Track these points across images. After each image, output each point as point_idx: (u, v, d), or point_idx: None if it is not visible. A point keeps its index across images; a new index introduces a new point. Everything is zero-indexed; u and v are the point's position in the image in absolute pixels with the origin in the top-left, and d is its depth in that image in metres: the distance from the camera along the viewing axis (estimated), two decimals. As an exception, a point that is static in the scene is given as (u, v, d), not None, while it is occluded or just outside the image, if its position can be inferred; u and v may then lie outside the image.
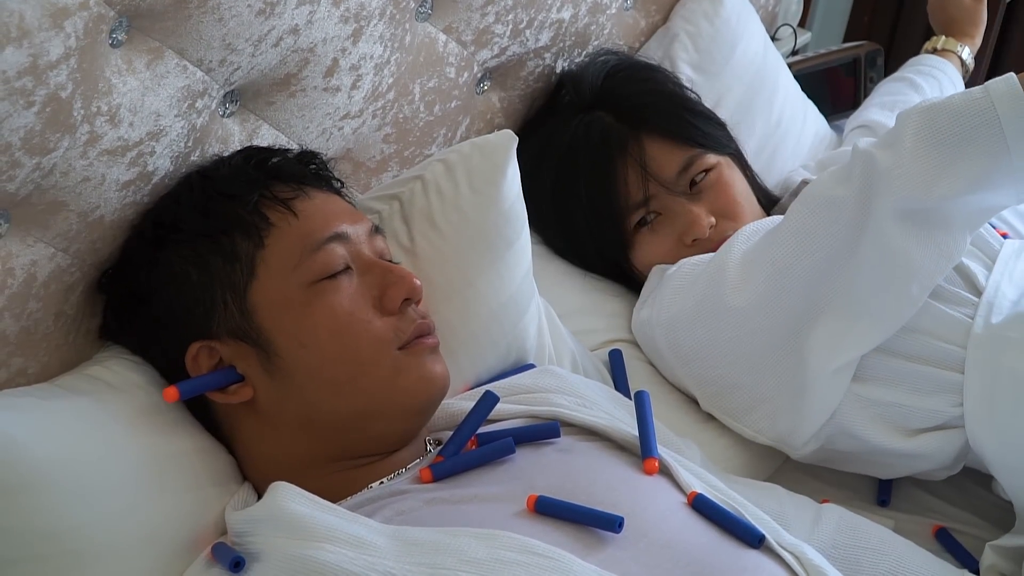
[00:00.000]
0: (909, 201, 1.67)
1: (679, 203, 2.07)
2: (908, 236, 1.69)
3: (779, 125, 2.54)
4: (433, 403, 1.58)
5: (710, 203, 2.08)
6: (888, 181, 1.67)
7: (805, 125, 2.64)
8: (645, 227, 2.09)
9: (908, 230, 1.69)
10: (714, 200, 2.09)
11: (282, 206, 1.54)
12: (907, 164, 1.67)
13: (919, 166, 1.66)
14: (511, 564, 1.25)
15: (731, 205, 2.09)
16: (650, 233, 2.09)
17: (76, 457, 1.38)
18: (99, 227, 1.54)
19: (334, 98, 1.81)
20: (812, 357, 1.78)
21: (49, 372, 1.56)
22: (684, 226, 2.06)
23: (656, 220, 2.09)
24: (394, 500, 1.44)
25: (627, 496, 1.42)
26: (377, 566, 1.24)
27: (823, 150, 2.65)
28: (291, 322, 1.50)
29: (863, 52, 2.94)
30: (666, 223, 2.08)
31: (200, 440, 1.55)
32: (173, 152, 1.59)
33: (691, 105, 2.19)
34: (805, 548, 1.43)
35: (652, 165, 2.05)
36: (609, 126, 2.08)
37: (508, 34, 2.11)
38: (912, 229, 1.69)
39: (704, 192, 2.09)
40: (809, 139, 2.64)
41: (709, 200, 2.08)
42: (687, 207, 2.06)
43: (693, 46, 2.45)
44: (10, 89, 1.32)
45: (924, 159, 1.66)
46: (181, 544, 1.45)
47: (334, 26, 1.74)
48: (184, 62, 1.57)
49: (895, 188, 1.67)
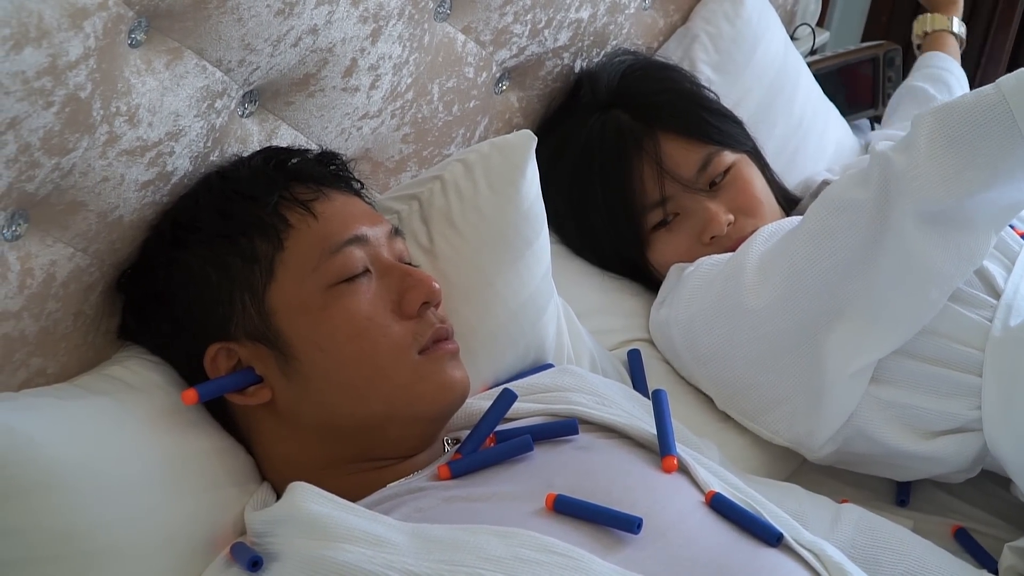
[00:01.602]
0: (928, 203, 1.67)
1: (697, 200, 2.06)
2: (928, 239, 1.69)
3: (800, 125, 2.53)
4: (452, 409, 1.58)
5: (729, 200, 2.07)
6: (906, 183, 1.67)
7: (827, 126, 2.63)
8: (663, 227, 2.09)
9: (928, 233, 1.68)
10: (733, 197, 2.08)
11: (301, 207, 1.54)
12: (923, 165, 1.67)
13: (935, 167, 1.66)
14: (531, 563, 1.25)
15: (750, 201, 2.09)
16: (667, 233, 2.09)
17: (95, 457, 1.38)
18: (118, 227, 1.54)
19: (353, 98, 1.81)
20: (830, 360, 1.77)
21: (68, 372, 1.56)
22: (702, 224, 2.06)
23: (674, 220, 2.08)
24: (412, 498, 1.43)
25: (645, 495, 1.42)
26: (396, 564, 1.24)
27: (847, 151, 2.65)
28: (309, 325, 1.50)
29: (881, 51, 2.93)
30: (684, 222, 2.08)
31: (219, 440, 1.55)
32: (192, 152, 1.59)
33: (708, 103, 2.19)
34: (825, 546, 1.43)
35: (669, 163, 2.05)
36: (625, 124, 2.08)
37: (527, 34, 2.11)
38: (932, 232, 1.68)
39: (723, 189, 2.08)
40: (832, 141, 2.63)
41: (728, 197, 2.08)
42: (705, 204, 2.06)
43: (713, 47, 2.45)
44: (29, 89, 1.32)
45: (940, 159, 1.66)
46: (200, 544, 1.45)
47: (353, 26, 1.74)
48: (203, 62, 1.57)
49: (913, 190, 1.66)
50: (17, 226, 1.43)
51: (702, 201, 2.06)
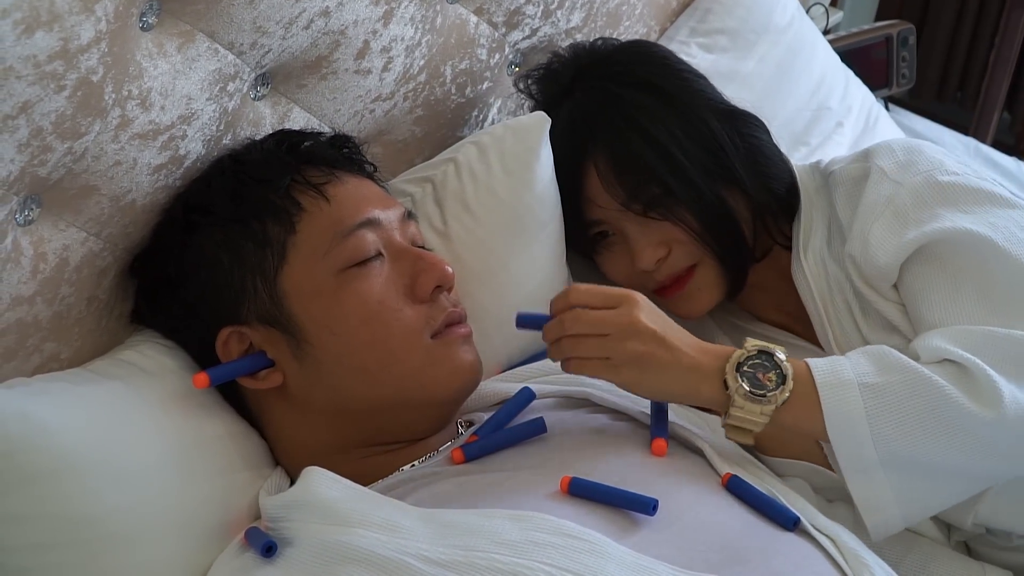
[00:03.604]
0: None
1: (630, 226, 1.83)
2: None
3: (823, 82, 2.56)
4: (464, 393, 1.58)
5: (665, 231, 1.81)
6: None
7: (849, 84, 2.65)
8: (602, 242, 1.89)
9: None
10: (670, 229, 1.81)
11: (314, 191, 1.54)
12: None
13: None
14: (545, 546, 1.24)
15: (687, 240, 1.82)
16: (607, 251, 1.90)
17: (109, 442, 1.39)
18: (131, 211, 1.54)
19: (365, 80, 1.80)
20: None
21: (82, 357, 1.56)
22: (632, 253, 1.84)
23: (614, 238, 1.87)
24: (426, 482, 1.43)
25: (661, 478, 1.42)
26: (410, 549, 1.24)
27: (871, 109, 2.67)
28: (321, 309, 1.50)
29: (895, 31, 2.93)
30: (621, 244, 1.87)
31: (233, 424, 1.55)
32: (205, 136, 1.59)
33: (663, 133, 1.82)
34: (841, 531, 1.42)
35: (606, 182, 1.81)
36: (571, 129, 1.86)
37: (539, 15, 2.10)
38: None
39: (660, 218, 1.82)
40: (856, 98, 2.64)
41: (665, 227, 1.81)
42: (637, 234, 1.82)
43: (729, 14, 2.46)
44: (41, 73, 1.32)
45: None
46: (215, 528, 1.45)
47: (365, 8, 1.73)
48: (215, 45, 1.57)
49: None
50: (30, 211, 1.43)
51: (635, 228, 1.82)
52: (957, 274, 1.59)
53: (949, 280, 1.59)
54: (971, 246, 1.59)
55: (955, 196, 1.65)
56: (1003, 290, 1.56)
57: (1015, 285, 1.56)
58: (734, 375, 1.44)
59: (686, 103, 1.84)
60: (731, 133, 1.84)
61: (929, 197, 1.65)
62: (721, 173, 1.81)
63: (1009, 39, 3.64)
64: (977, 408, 1.40)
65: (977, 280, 1.58)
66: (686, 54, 2.36)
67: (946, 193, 1.65)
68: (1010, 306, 1.54)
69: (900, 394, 1.41)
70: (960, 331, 1.50)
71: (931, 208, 1.64)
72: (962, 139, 2.98)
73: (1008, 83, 3.77)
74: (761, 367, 1.44)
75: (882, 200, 1.68)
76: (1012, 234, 1.60)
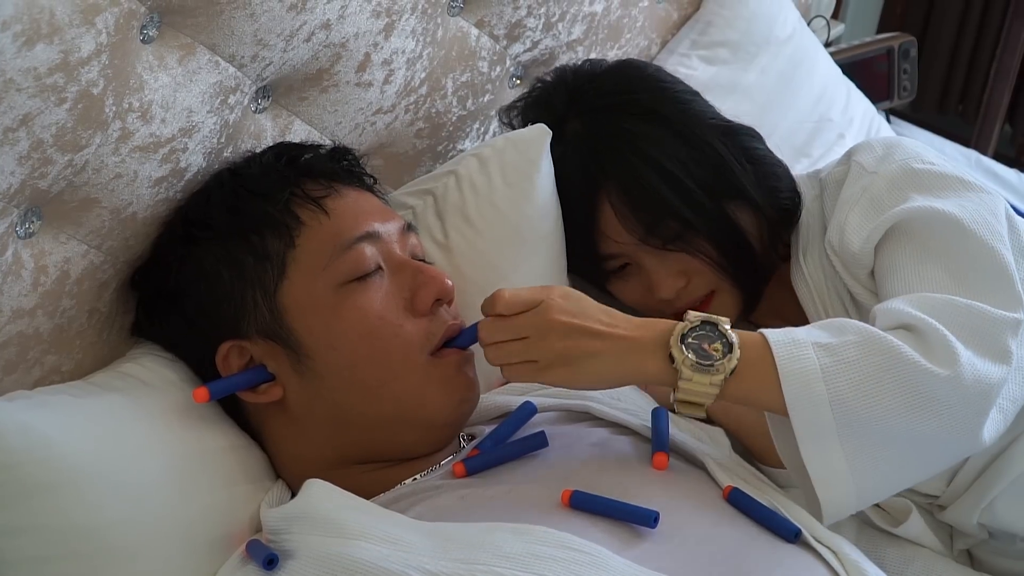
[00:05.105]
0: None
1: (648, 258, 1.84)
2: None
3: (824, 94, 2.57)
4: (461, 415, 1.58)
5: (683, 261, 1.82)
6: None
7: (851, 95, 2.66)
8: (619, 272, 1.89)
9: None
10: (688, 259, 1.82)
11: (313, 204, 1.54)
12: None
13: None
14: (547, 559, 1.24)
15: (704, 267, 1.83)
16: (621, 280, 1.89)
17: (110, 455, 1.38)
18: (132, 224, 1.54)
19: (366, 93, 1.81)
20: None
21: (83, 369, 1.56)
22: (651, 283, 1.85)
23: (629, 268, 1.87)
24: (427, 496, 1.43)
25: (661, 490, 1.41)
26: (412, 562, 1.24)
27: (872, 120, 2.67)
28: (321, 324, 1.50)
29: (897, 43, 2.94)
30: (637, 274, 1.87)
31: (234, 437, 1.55)
32: (206, 148, 1.59)
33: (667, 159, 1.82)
34: (843, 543, 1.42)
35: (620, 215, 1.81)
36: (580, 163, 1.86)
37: (540, 28, 2.10)
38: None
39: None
40: (858, 110, 2.64)
41: (683, 258, 1.82)
42: (656, 265, 1.83)
43: (730, 27, 2.47)
44: (41, 86, 1.32)
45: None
46: (216, 541, 1.45)
47: (366, 21, 1.73)
48: (216, 58, 1.57)
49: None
50: (31, 223, 1.43)
51: (653, 259, 1.83)
52: (924, 249, 1.58)
53: (916, 254, 1.59)
54: (939, 224, 1.58)
55: (928, 182, 1.65)
56: (968, 268, 1.55)
57: (980, 265, 1.55)
58: (679, 347, 1.40)
59: (689, 127, 1.84)
60: (734, 149, 1.85)
61: (903, 183, 1.66)
62: (730, 192, 1.82)
63: (1010, 52, 3.65)
64: (932, 365, 1.38)
65: (943, 256, 1.57)
66: (687, 67, 2.37)
67: (920, 179, 1.66)
68: (975, 283, 1.52)
69: (855, 353, 1.39)
70: (921, 296, 1.49)
71: (904, 192, 1.64)
72: (964, 151, 2.98)
73: (1009, 95, 3.78)
74: (706, 337, 1.41)
75: (858, 190, 1.69)
76: (981, 216, 1.59)
